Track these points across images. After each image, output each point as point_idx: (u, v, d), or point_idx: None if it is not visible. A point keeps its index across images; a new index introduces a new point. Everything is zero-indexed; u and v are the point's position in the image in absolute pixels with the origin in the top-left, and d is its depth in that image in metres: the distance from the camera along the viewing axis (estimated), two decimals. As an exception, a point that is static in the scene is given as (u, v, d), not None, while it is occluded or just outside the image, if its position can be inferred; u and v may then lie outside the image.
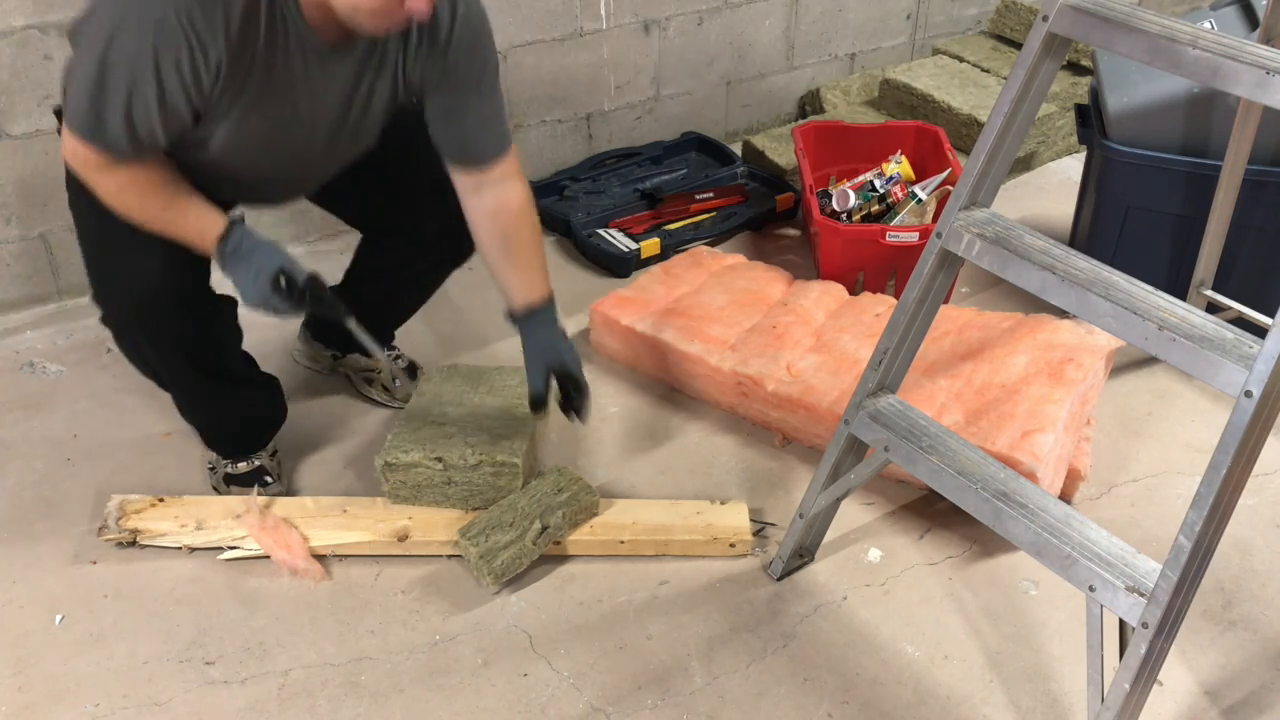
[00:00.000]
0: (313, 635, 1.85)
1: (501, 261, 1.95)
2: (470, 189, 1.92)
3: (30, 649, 1.82)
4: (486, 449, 1.99)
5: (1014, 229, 1.59)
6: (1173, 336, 1.38)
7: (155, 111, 1.62)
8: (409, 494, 2.02)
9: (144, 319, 1.83)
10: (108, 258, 1.82)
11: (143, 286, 1.79)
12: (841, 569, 1.99)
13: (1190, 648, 1.85)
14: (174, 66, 1.59)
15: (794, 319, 2.42)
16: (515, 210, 1.93)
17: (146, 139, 1.65)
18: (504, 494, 2.00)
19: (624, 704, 1.74)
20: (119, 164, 1.67)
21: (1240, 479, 1.38)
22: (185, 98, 1.64)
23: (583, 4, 2.97)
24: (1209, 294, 2.37)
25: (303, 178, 2.00)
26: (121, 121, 1.62)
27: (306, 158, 1.89)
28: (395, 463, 1.98)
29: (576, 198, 3.06)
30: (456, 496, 2.02)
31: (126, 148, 1.65)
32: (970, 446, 1.70)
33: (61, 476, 2.16)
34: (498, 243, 1.94)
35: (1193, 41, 1.37)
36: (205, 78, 1.62)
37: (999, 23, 3.66)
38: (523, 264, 1.95)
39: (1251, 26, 2.36)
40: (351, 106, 1.82)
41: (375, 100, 1.84)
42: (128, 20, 1.57)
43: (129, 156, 1.67)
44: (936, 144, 2.91)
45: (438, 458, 1.98)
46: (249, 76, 1.68)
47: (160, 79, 1.59)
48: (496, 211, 1.92)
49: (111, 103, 1.60)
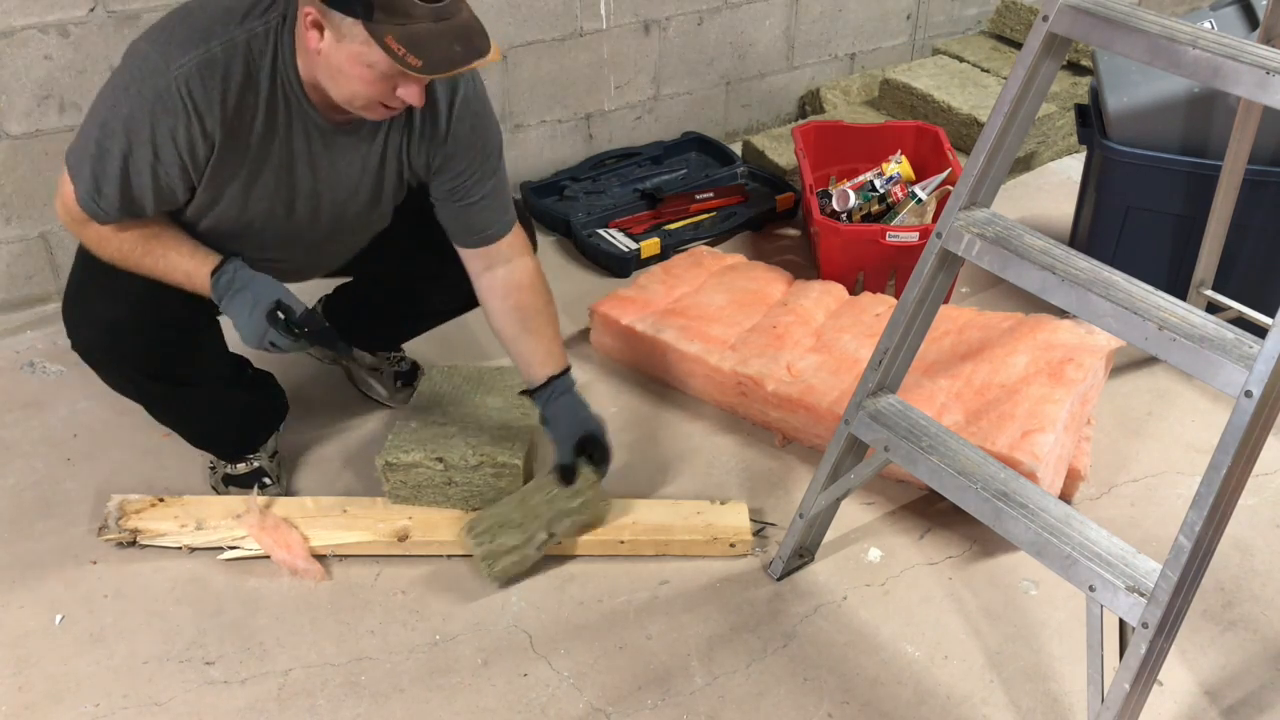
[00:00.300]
0: (313, 635, 1.85)
1: (519, 336, 1.95)
2: (480, 268, 1.95)
3: (30, 649, 1.82)
4: (487, 450, 1.99)
5: (1014, 229, 1.59)
6: (1173, 336, 1.38)
7: (148, 178, 1.66)
8: (409, 494, 2.02)
9: (110, 358, 1.85)
10: (75, 306, 1.84)
11: (103, 331, 1.81)
12: (841, 569, 1.99)
13: (1190, 648, 1.85)
14: (169, 135, 1.63)
15: (794, 319, 2.42)
16: (528, 285, 1.95)
17: (137, 205, 1.69)
18: (504, 495, 2.00)
19: (624, 704, 1.74)
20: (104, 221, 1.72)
21: (1240, 479, 1.38)
22: (180, 167, 1.67)
23: (583, 4, 2.97)
24: (1209, 294, 2.37)
25: (312, 258, 2.00)
26: (116, 185, 1.66)
27: (312, 237, 1.90)
28: (396, 462, 1.98)
29: (576, 198, 3.06)
30: (457, 497, 2.02)
31: (116, 212, 1.69)
32: (970, 446, 1.70)
33: (61, 476, 2.16)
34: (513, 318, 1.95)
35: (1193, 41, 1.37)
36: (200, 148, 1.66)
37: (999, 23, 3.66)
38: (540, 336, 1.96)
39: (1251, 26, 2.36)
40: (359, 186, 1.85)
41: (383, 181, 1.86)
42: (130, 89, 1.62)
43: (116, 219, 1.71)
44: (936, 144, 2.91)
45: (438, 458, 1.97)
46: (246, 150, 1.71)
47: (155, 146, 1.63)
48: (509, 288, 1.94)
49: (109, 168, 1.65)
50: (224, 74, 1.62)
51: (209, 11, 1.64)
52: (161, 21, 1.67)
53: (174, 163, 1.66)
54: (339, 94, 1.64)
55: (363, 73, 1.57)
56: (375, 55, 1.53)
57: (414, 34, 1.50)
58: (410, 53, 1.50)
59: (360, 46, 1.54)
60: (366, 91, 1.60)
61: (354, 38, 1.53)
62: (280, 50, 1.65)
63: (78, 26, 2.36)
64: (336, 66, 1.58)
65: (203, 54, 1.60)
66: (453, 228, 1.93)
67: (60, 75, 2.39)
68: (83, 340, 1.84)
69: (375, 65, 1.55)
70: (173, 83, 1.59)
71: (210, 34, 1.61)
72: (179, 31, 1.62)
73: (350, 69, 1.57)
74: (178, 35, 1.62)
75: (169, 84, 1.59)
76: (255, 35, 1.63)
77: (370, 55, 1.54)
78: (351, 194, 1.85)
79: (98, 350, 1.84)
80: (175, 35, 1.62)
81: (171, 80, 1.59)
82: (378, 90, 1.60)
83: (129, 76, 1.63)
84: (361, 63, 1.55)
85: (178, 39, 1.61)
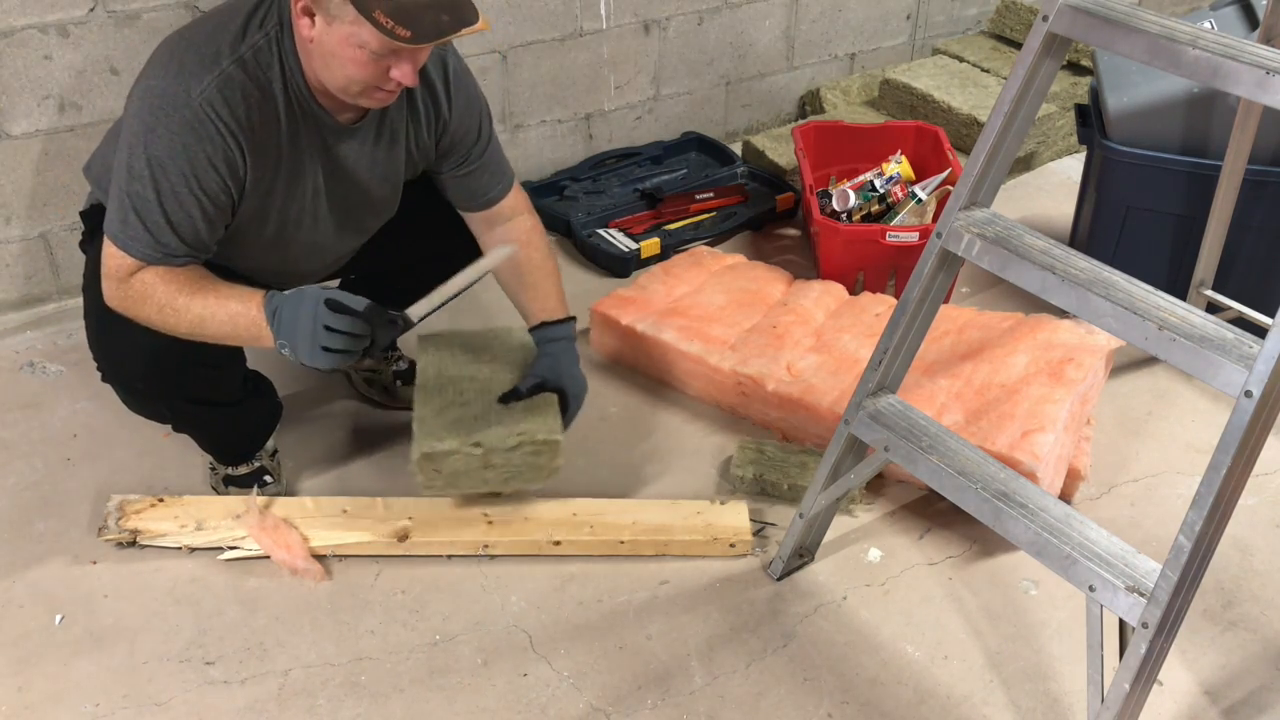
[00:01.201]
0: (313, 635, 1.85)
1: (517, 290, 2.03)
2: (483, 227, 2.03)
3: (30, 649, 1.82)
4: (524, 427, 1.91)
5: (1014, 229, 1.59)
6: (1173, 336, 1.38)
7: (195, 210, 1.66)
8: (444, 483, 1.92)
9: (150, 385, 1.85)
10: (110, 336, 1.82)
11: (146, 360, 1.79)
12: (841, 569, 1.99)
13: (1190, 648, 1.85)
14: (208, 161, 1.64)
15: (794, 319, 2.42)
16: (524, 241, 2.01)
17: (199, 240, 1.70)
18: (544, 473, 1.94)
19: (624, 704, 1.74)
20: (140, 272, 1.70)
21: (1240, 479, 1.38)
22: (224, 190, 1.68)
23: (583, 4, 2.97)
24: (1209, 294, 2.37)
25: (326, 259, 2.01)
26: (168, 229, 1.66)
27: (332, 238, 1.92)
28: (432, 452, 1.88)
29: (576, 198, 3.06)
30: (495, 480, 1.94)
31: (184, 253, 1.69)
32: (970, 446, 1.70)
33: (61, 476, 2.16)
34: (511, 273, 2.01)
35: (1193, 41, 1.37)
36: (239, 166, 1.68)
37: (999, 23, 3.66)
38: (536, 290, 2.02)
39: (1251, 26, 2.36)
40: (377, 181, 1.87)
41: (398, 171, 1.89)
42: (155, 130, 1.62)
43: (183, 261, 1.69)
44: (936, 144, 2.91)
45: (476, 443, 1.89)
46: (275, 162, 1.73)
47: (196, 177, 1.64)
48: (508, 242, 1.98)
49: (157, 215, 1.65)
50: (243, 91, 1.64)
51: (207, 35, 1.65)
52: (159, 59, 1.67)
53: (218, 187, 1.67)
54: (334, 81, 1.64)
55: (355, 54, 1.58)
56: (366, 33, 1.55)
57: (401, 6, 1.53)
58: (399, 24, 1.53)
59: (350, 27, 1.56)
60: (360, 75, 1.61)
61: (344, 18, 1.55)
62: (285, 58, 1.67)
63: (78, 26, 2.36)
64: (330, 51, 1.60)
65: (218, 75, 1.62)
66: (456, 196, 1.99)
67: (60, 75, 2.39)
68: (123, 370, 1.84)
69: (367, 44, 1.56)
70: (199, 109, 1.61)
71: (219, 55, 1.63)
72: (187, 60, 1.63)
73: (343, 51, 1.58)
74: (187, 64, 1.62)
75: (195, 111, 1.61)
76: (259, 49, 1.65)
77: (361, 34, 1.56)
78: (370, 190, 1.88)
79: (139, 379, 1.83)
80: (185, 65, 1.62)
81: (198, 107, 1.61)
82: (371, 73, 1.61)
83: (150, 120, 1.62)
84: (353, 44, 1.57)
85: (188, 68, 1.62)
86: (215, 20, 1.69)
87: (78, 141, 2.46)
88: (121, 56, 2.42)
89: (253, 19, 1.67)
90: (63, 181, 2.50)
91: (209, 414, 1.96)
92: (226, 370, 1.92)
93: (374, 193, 1.89)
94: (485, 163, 1.97)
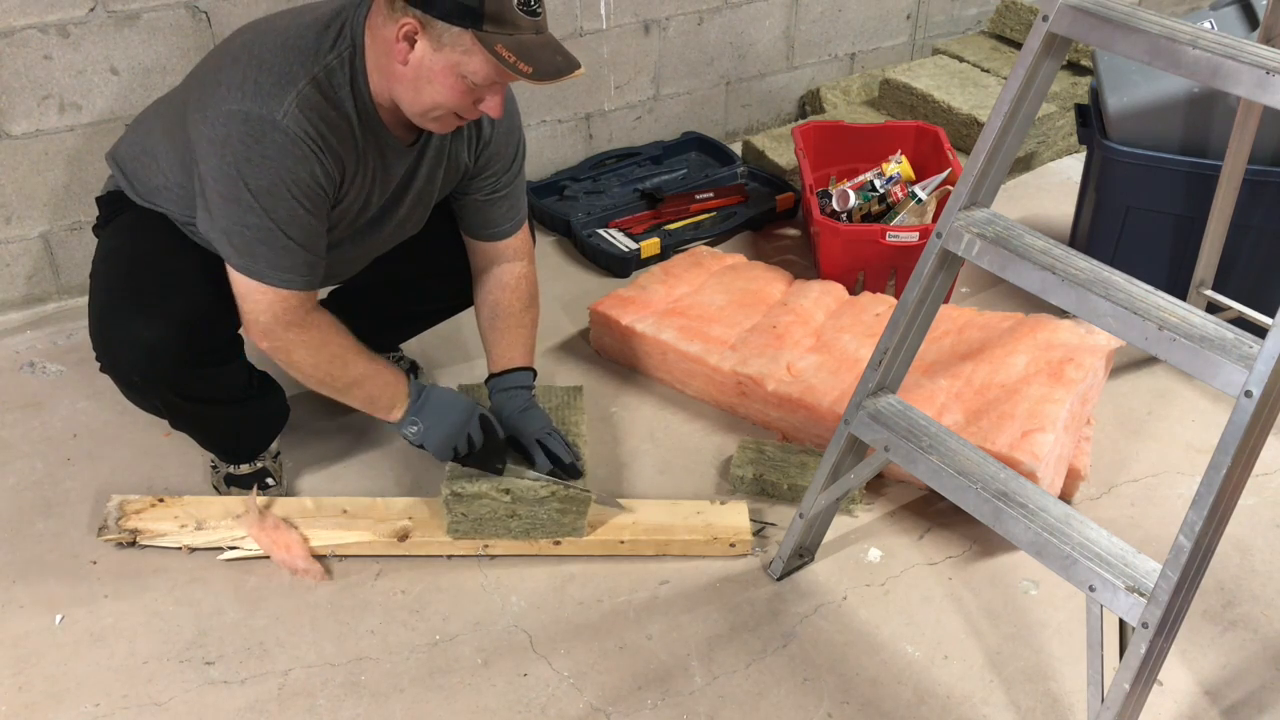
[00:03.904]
0: (313, 635, 1.85)
1: (486, 330, 2.06)
2: (480, 260, 2.05)
3: (30, 649, 1.82)
4: (556, 482, 1.94)
5: (1014, 229, 1.59)
6: (1173, 336, 1.38)
7: (308, 224, 1.70)
8: (470, 527, 1.95)
9: (146, 379, 1.85)
10: (110, 326, 1.83)
11: (143, 354, 1.80)
12: (841, 569, 1.99)
13: (1190, 648, 1.85)
14: (309, 177, 1.68)
15: (794, 319, 2.42)
16: (510, 286, 2.04)
17: (321, 250, 1.75)
18: (566, 530, 1.97)
19: (624, 704, 1.74)
20: (312, 309, 1.76)
21: (1240, 479, 1.38)
22: (326, 202, 1.73)
23: (583, 4, 2.97)
24: (1209, 294, 2.37)
25: (343, 271, 2.03)
26: (299, 254, 1.71)
27: (355, 248, 1.94)
28: (461, 493, 1.92)
29: (576, 198, 3.06)
30: (519, 530, 1.97)
31: (317, 264, 1.75)
32: (970, 446, 1.70)
33: (61, 476, 2.16)
34: (486, 312, 2.05)
35: (1193, 41, 1.37)
36: (335, 176, 1.72)
37: (999, 23, 3.66)
38: (503, 335, 2.04)
39: (1251, 26, 2.36)
40: (416, 197, 1.90)
41: (436, 187, 1.92)
42: (251, 161, 1.64)
43: (319, 273, 1.75)
44: (936, 144, 2.91)
45: (505, 490, 1.92)
46: (353, 175, 1.76)
47: (301, 198, 1.68)
48: (493, 285, 2.03)
49: (283, 242, 1.68)
50: (319, 108, 1.66)
51: (278, 53, 1.66)
52: (231, 81, 1.65)
53: (322, 200, 1.71)
54: (419, 104, 1.68)
55: (454, 83, 1.63)
56: (474, 64, 1.60)
57: (522, 43, 1.59)
58: (521, 60, 1.58)
59: (459, 56, 1.60)
60: (450, 101, 1.66)
61: (455, 47, 1.59)
62: (356, 78, 1.70)
63: (78, 26, 2.36)
64: (425, 77, 1.63)
65: (296, 95, 1.64)
66: (469, 220, 2.01)
67: (60, 75, 2.39)
68: (120, 362, 1.84)
69: (473, 74, 1.61)
70: (289, 129, 1.63)
71: (294, 75, 1.65)
72: (263, 81, 1.64)
73: (441, 79, 1.63)
74: (264, 86, 1.63)
75: (284, 132, 1.63)
76: (333, 69, 1.68)
77: (468, 64, 1.60)
78: (408, 208, 1.91)
79: (136, 373, 1.83)
80: (261, 86, 1.63)
81: (286, 127, 1.63)
82: (461, 101, 1.66)
83: (240, 149, 1.63)
84: (455, 73, 1.62)
85: (265, 90, 1.63)
86: (280, 37, 1.68)
87: (78, 141, 2.46)
88: (121, 56, 2.42)
89: (324, 37, 1.68)
90: (63, 181, 2.50)
91: (210, 411, 1.96)
92: (227, 369, 1.92)
93: (410, 211, 1.92)
94: (509, 193, 1.98)
